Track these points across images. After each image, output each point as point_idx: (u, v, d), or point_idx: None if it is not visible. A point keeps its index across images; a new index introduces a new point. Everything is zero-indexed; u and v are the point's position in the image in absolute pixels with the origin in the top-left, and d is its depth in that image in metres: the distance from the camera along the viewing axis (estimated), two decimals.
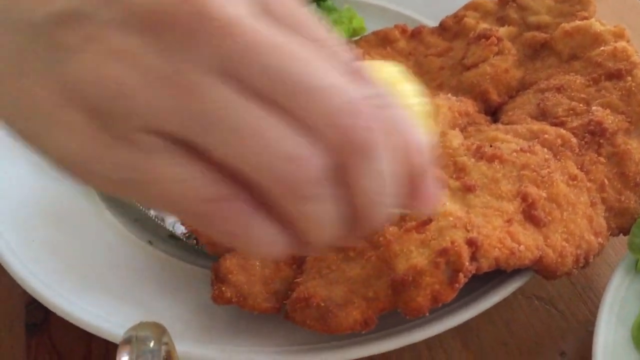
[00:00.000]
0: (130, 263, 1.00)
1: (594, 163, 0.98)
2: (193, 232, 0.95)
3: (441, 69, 1.25)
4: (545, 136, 1.00)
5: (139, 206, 1.08)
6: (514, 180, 0.93)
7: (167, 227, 1.06)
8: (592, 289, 1.06)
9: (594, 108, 1.03)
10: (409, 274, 0.79)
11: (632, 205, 0.96)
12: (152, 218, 1.08)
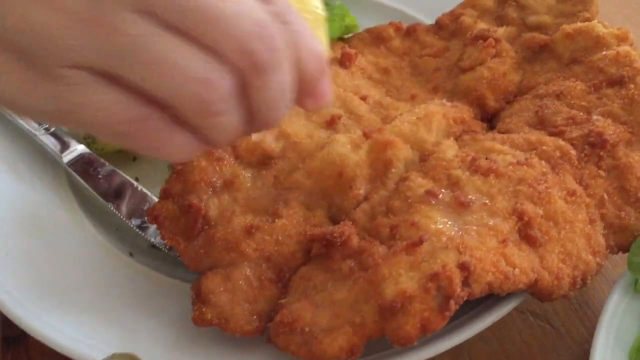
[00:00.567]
0: (110, 278, 0.96)
1: (594, 177, 0.94)
2: (176, 248, 0.91)
3: (437, 71, 1.20)
4: (544, 148, 0.96)
5: (119, 216, 1.04)
6: (509, 196, 0.89)
7: (149, 238, 1.02)
8: (588, 305, 1.03)
9: (594, 117, 0.99)
10: (398, 299, 0.75)
11: (632, 222, 0.92)
12: (133, 228, 1.04)
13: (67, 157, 1.09)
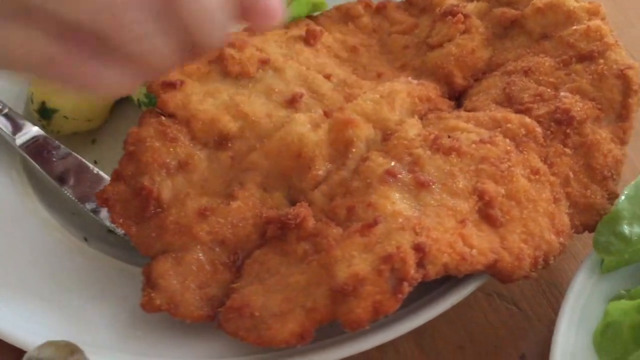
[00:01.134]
0: (62, 263, 0.94)
1: (559, 155, 0.92)
2: (126, 232, 0.88)
3: (405, 48, 1.17)
4: (509, 125, 0.94)
5: (74, 200, 1.02)
6: (471, 176, 0.87)
7: (103, 222, 1.00)
8: (556, 285, 1.02)
9: (562, 94, 0.97)
10: (350, 282, 0.73)
11: (598, 201, 0.90)
12: (89, 213, 1.01)
13: (20, 139, 1.06)
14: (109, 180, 1.03)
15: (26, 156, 1.05)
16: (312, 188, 0.91)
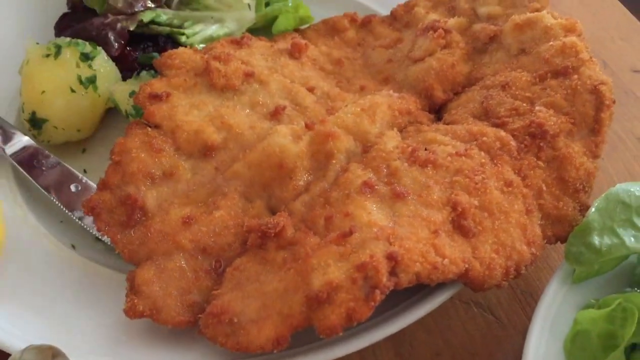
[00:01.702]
0: (49, 270, 0.97)
1: (533, 168, 0.95)
2: (112, 240, 0.91)
3: (389, 62, 1.21)
4: (484, 139, 0.97)
5: (63, 208, 1.04)
6: (446, 187, 0.90)
7: (91, 231, 1.02)
8: (532, 294, 1.05)
9: (537, 108, 1.00)
10: (325, 289, 0.76)
11: (570, 213, 0.93)
12: (76, 220, 1.04)
13: (11, 149, 1.09)
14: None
15: (16, 165, 1.08)
16: (292, 198, 0.94)
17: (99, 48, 1.16)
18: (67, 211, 1.04)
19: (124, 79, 1.19)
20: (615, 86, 1.27)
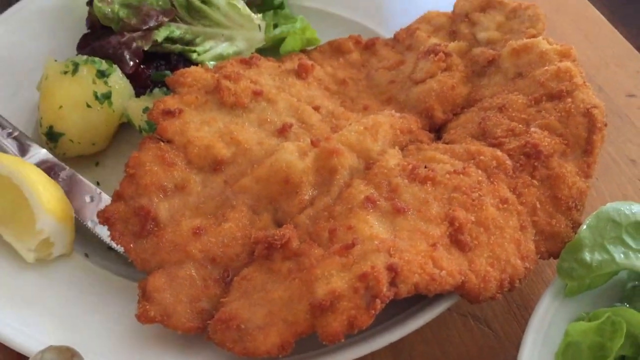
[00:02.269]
0: (64, 276, 1.01)
1: (527, 186, 0.99)
2: (125, 249, 0.96)
3: (391, 83, 1.26)
4: (481, 157, 1.02)
5: (77, 217, 1.09)
6: (444, 203, 0.94)
7: (104, 240, 1.07)
8: (527, 308, 1.08)
9: (532, 129, 1.05)
10: (328, 298, 0.80)
11: (562, 229, 0.98)
12: (90, 229, 1.09)
13: (29, 160, 1.14)
14: (109, 201, 1.11)
15: None
16: (298, 211, 0.99)
17: (115, 66, 1.22)
18: (81, 221, 1.08)
19: (138, 95, 1.24)
20: (609, 110, 1.33)
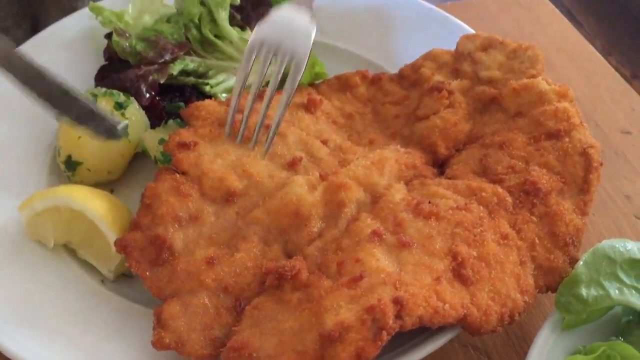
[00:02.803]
0: (81, 303, 1.04)
1: (526, 222, 1.04)
2: (141, 277, 0.99)
3: (396, 118, 1.30)
4: (483, 194, 1.06)
5: None
6: (447, 238, 0.98)
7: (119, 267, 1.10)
8: (525, 340, 1.12)
9: (531, 167, 1.09)
10: (337, 329, 0.84)
11: (560, 265, 1.01)
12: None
13: None
14: None
15: None
16: (307, 243, 1.03)
17: (132, 98, 1.27)
18: None
19: (152, 126, 1.29)
20: (605, 146, 1.38)
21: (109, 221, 1.07)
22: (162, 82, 1.30)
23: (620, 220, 1.28)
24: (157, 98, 1.31)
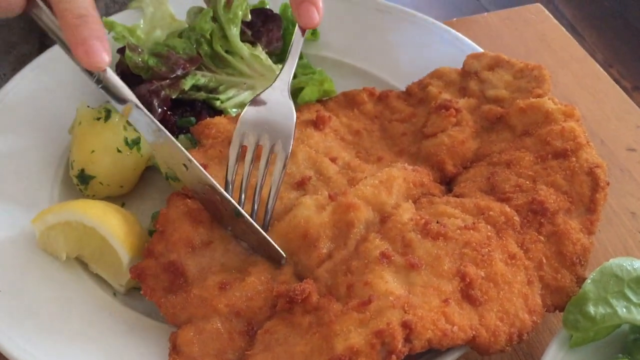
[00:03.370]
0: (92, 316, 1.05)
1: (534, 242, 1.04)
2: (156, 304, 1.00)
3: (403, 135, 1.31)
4: (490, 213, 1.07)
5: None
6: (455, 259, 0.99)
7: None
8: (533, 356, 1.12)
9: (538, 186, 1.10)
10: (347, 353, 0.85)
11: (567, 284, 1.02)
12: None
13: None
14: None
15: None
16: (317, 265, 1.04)
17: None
18: None
19: None
20: (611, 164, 1.38)
21: (121, 238, 1.09)
22: (174, 97, 1.30)
23: (625, 237, 1.28)
24: (169, 113, 1.31)
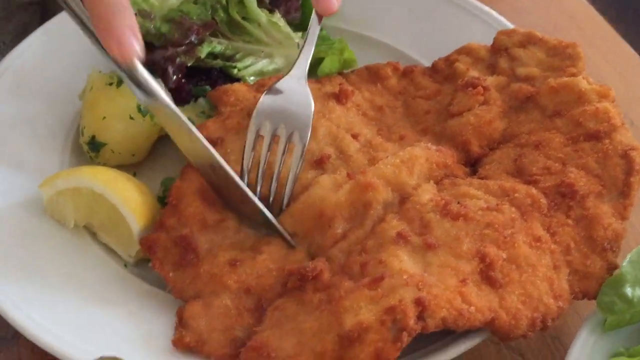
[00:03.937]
0: (104, 287, 1.05)
1: (562, 225, 0.99)
2: (164, 277, 0.99)
3: (427, 113, 1.26)
4: (515, 195, 1.02)
5: None
6: (475, 239, 0.95)
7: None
8: (560, 339, 1.09)
9: (568, 169, 1.04)
10: (356, 329, 0.82)
11: (597, 271, 0.98)
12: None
13: None
14: None
15: None
16: (331, 245, 1.01)
17: (158, 79, 1.23)
18: None
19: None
20: None
21: (132, 207, 1.07)
22: (189, 64, 1.27)
23: None
24: (184, 80, 1.28)
